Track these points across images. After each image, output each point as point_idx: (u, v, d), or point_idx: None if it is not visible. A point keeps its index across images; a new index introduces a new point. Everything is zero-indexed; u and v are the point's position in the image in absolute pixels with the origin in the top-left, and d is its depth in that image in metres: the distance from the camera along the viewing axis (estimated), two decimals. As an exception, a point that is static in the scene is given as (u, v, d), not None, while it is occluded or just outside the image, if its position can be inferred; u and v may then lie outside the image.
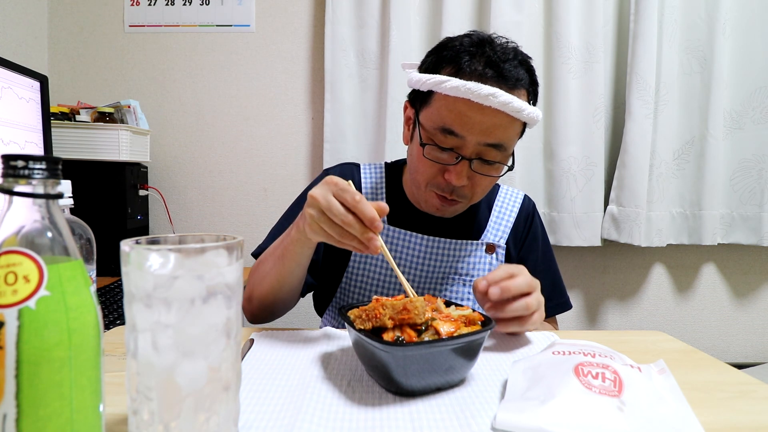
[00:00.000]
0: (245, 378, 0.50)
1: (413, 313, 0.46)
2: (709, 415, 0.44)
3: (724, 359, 0.61)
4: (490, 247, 0.85)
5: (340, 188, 0.54)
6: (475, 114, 0.67)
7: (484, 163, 0.72)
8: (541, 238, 0.91)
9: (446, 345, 0.46)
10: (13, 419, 0.27)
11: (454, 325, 0.49)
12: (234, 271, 0.34)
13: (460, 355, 0.48)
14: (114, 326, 0.73)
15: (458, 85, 0.66)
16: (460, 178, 0.71)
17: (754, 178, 1.52)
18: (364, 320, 0.48)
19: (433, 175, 0.74)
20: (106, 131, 1.27)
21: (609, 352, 0.49)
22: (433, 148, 0.72)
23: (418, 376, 0.46)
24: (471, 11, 1.50)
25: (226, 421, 0.34)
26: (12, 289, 0.27)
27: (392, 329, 0.47)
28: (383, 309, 0.47)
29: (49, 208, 0.31)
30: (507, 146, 0.72)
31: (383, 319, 0.47)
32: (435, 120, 0.71)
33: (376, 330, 0.48)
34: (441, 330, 0.47)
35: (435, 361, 0.46)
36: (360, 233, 0.53)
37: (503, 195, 0.91)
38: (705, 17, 1.47)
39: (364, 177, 0.89)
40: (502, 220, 0.87)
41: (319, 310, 0.93)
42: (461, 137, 0.69)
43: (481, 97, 0.65)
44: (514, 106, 0.66)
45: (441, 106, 0.70)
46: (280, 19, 1.56)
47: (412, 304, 0.47)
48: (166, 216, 1.57)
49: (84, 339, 0.29)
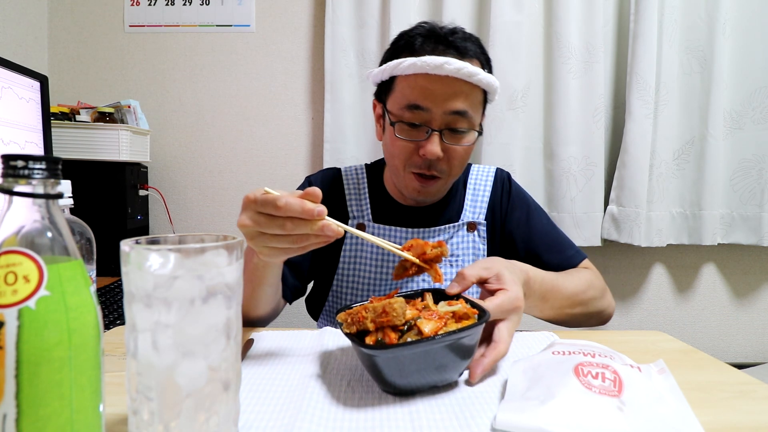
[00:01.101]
0: (245, 378, 0.50)
1: (392, 315, 0.46)
2: (709, 415, 0.44)
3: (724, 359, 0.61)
4: (471, 226, 0.87)
5: (260, 203, 0.51)
6: (435, 85, 0.72)
7: (454, 134, 0.75)
8: (524, 205, 0.90)
9: (429, 344, 0.45)
10: (13, 419, 0.27)
11: (440, 323, 0.48)
12: (234, 271, 0.34)
13: (450, 353, 0.47)
14: (114, 326, 0.73)
15: (414, 62, 0.71)
16: (435, 149, 0.74)
17: (754, 178, 1.52)
18: (350, 324, 0.48)
19: (409, 154, 0.77)
20: (106, 131, 1.27)
21: (609, 352, 0.49)
22: (404, 127, 0.76)
23: (407, 376, 0.46)
24: (471, 11, 1.50)
25: (226, 421, 0.34)
26: (12, 289, 0.27)
27: (374, 332, 0.47)
28: (365, 312, 0.48)
29: (49, 208, 0.31)
30: (471, 114, 0.75)
31: (365, 322, 0.47)
32: (400, 101, 0.75)
33: (361, 333, 0.48)
34: (424, 329, 0.47)
35: (422, 361, 0.46)
36: (309, 230, 0.50)
37: (475, 173, 0.92)
38: (705, 17, 1.47)
39: (346, 180, 0.90)
40: (477, 197, 0.89)
41: (313, 314, 0.93)
42: (427, 110, 0.73)
43: (436, 67, 0.70)
44: (467, 71, 0.71)
45: (403, 87, 0.75)
46: (280, 19, 1.56)
47: (390, 306, 0.47)
48: (166, 216, 1.57)
49: (84, 339, 0.29)
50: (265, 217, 0.50)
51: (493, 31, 1.44)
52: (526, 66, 1.47)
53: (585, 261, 0.86)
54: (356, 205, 0.88)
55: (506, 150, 1.47)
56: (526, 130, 1.50)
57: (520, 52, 1.45)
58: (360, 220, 0.87)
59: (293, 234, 0.50)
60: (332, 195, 0.89)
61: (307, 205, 0.49)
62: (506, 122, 1.46)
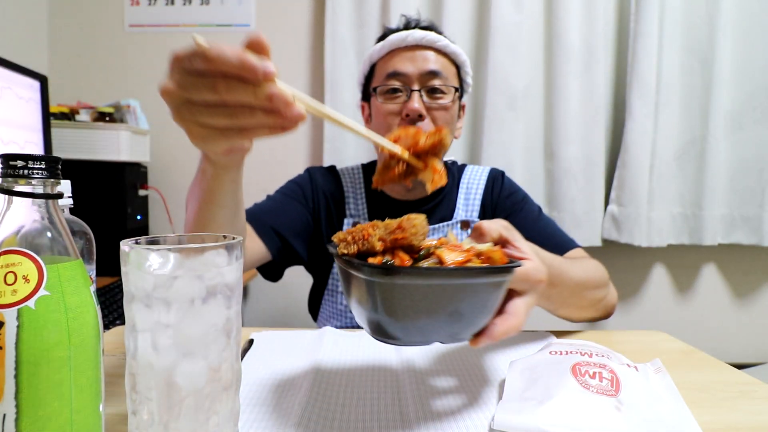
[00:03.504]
0: (245, 378, 0.50)
1: (409, 232, 0.35)
2: (708, 415, 0.44)
3: (724, 359, 0.60)
4: (464, 224, 0.88)
5: (187, 58, 0.36)
6: (406, 54, 0.81)
7: (432, 93, 0.80)
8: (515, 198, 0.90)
9: (450, 277, 0.35)
10: (12, 419, 0.27)
11: (464, 255, 0.37)
12: (234, 271, 0.34)
13: (472, 297, 0.36)
14: (114, 326, 0.73)
15: (384, 43, 0.82)
16: (415, 105, 0.78)
17: (755, 178, 1.52)
18: (349, 243, 0.38)
19: (394, 117, 0.81)
20: (106, 131, 1.27)
21: (606, 352, 0.49)
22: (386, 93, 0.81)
23: (411, 318, 0.35)
24: (471, 11, 1.50)
25: (226, 421, 0.34)
26: (12, 289, 0.27)
27: (382, 253, 0.37)
28: (373, 229, 0.37)
29: (48, 208, 0.31)
30: (445, 75, 0.81)
31: (372, 240, 0.36)
32: (380, 77, 0.83)
33: (363, 255, 0.37)
34: (446, 258, 0.36)
35: (435, 299, 0.35)
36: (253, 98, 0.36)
37: (469, 173, 0.94)
38: (705, 17, 1.47)
39: (344, 178, 0.92)
40: (470, 196, 0.90)
41: (313, 313, 0.94)
42: (404, 74, 0.80)
43: (402, 39, 0.80)
44: (430, 38, 0.80)
45: (381, 66, 0.84)
46: (280, 19, 1.56)
47: (409, 221, 0.36)
48: (166, 216, 1.57)
49: (84, 339, 0.29)
50: (193, 77, 0.36)
51: (493, 31, 1.44)
52: (526, 66, 1.47)
53: (578, 250, 0.82)
54: (353, 203, 0.89)
55: (506, 150, 1.47)
56: (526, 130, 1.50)
57: (520, 52, 1.45)
58: (356, 219, 0.88)
59: (230, 103, 0.37)
60: (333, 190, 0.90)
61: (248, 58, 0.34)
62: (506, 122, 1.46)
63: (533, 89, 1.50)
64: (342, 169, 0.93)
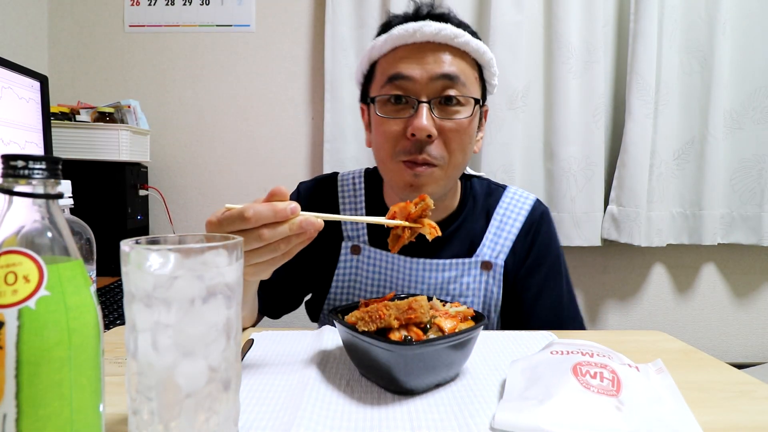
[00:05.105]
0: (245, 378, 0.50)
1: (419, 312, 0.47)
2: (709, 415, 0.44)
3: (724, 359, 0.60)
4: (485, 264, 0.74)
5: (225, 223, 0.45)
6: (416, 53, 0.64)
7: (446, 105, 0.65)
8: (547, 256, 0.78)
9: (451, 341, 0.46)
10: (13, 419, 0.27)
11: (455, 321, 0.50)
12: (234, 271, 0.34)
13: (460, 350, 0.49)
14: (114, 326, 0.73)
15: (387, 37, 0.65)
16: (423, 122, 0.63)
17: (754, 178, 1.52)
18: (368, 322, 0.47)
19: (396, 138, 0.66)
20: (106, 131, 1.27)
21: (607, 352, 0.49)
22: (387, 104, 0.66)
23: (421, 375, 0.46)
24: (471, 11, 1.50)
25: (226, 421, 0.34)
26: (12, 289, 0.27)
27: (398, 329, 0.47)
28: (387, 309, 0.47)
29: (49, 208, 0.31)
30: (463, 79, 0.65)
31: (388, 319, 0.46)
32: (381, 81, 0.67)
33: (381, 331, 0.47)
34: (444, 326, 0.48)
35: (439, 358, 0.46)
36: (288, 231, 0.45)
37: (508, 200, 0.78)
38: (705, 17, 1.47)
39: (341, 189, 0.83)
40: (502, 232, 0.76)
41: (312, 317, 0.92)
42: (410, 78, 0.64)
43: (411, 34, 0.63)
44: (447, 33, 0.63)
45: (383, 66, 0.68)
46: (280, 19, 1.56)
47: (417, 303, 0.47)
48: (166, 216, 1.57)
49: (84, 339, 0.29)
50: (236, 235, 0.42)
51: (493, 31, 1.44)
52: (526, 66, 1.47)
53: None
54: (351, 223, 0.79)
55: (506, 150, 1.47)
56: (526, 130, 1.50)
57: (520, 52, 1.45)
58: (354, 242, 0.78)
59: (273, 241, 0.46)
60: (324, 205, 0.81)
61: (277, 206, 0.44)
62: (506, 122, 1.46)
63: (533, 89, 1.50)
64: (342, 177, 0.84)
